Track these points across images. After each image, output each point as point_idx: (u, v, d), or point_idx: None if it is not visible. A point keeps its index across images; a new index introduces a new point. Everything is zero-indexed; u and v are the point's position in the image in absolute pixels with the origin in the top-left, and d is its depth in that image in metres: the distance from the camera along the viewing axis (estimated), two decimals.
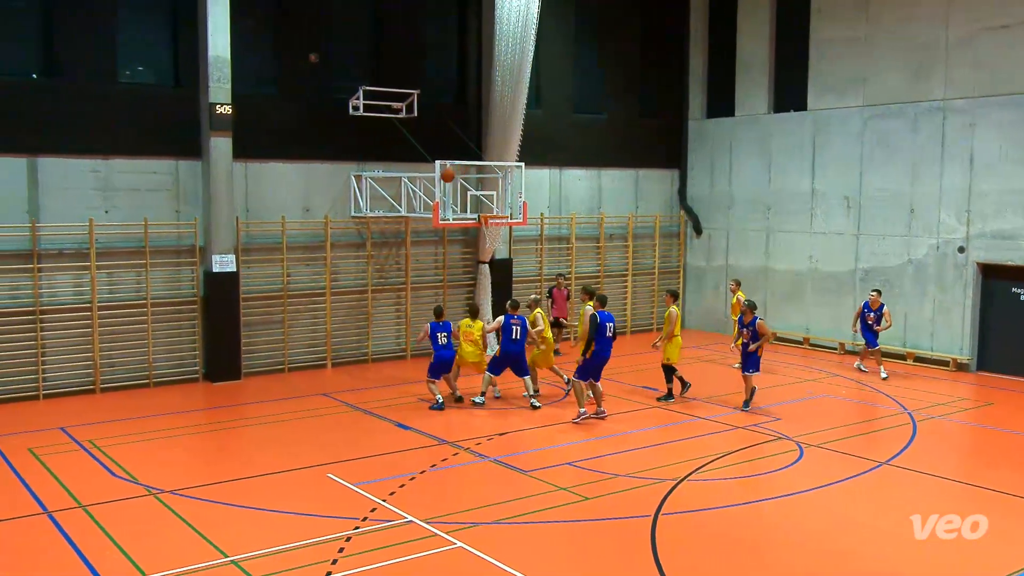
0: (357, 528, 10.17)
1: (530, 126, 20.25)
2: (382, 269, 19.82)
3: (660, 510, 10.83)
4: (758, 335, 15.72)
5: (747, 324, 15.92)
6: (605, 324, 14.76)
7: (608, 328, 14.81)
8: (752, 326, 15.80)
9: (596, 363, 14.80)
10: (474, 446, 13.49)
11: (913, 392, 17.18)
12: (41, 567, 9.32)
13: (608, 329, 14.80)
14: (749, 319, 15.91)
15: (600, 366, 14.89)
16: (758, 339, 15.71)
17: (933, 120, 19.44)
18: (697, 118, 24.46)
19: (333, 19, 19.12)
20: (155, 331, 17.16)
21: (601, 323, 14.70)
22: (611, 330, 14.89)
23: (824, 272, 21.63)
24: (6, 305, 15.84)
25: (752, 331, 15.77)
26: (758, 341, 15.70)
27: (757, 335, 15.72)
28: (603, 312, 14.89)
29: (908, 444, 13.82)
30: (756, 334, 15.72)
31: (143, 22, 17.55)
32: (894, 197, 20.17)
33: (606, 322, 14.80)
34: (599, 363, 14.84)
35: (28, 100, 16.05)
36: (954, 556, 9.80)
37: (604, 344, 14.76)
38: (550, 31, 21.39)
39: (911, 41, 19.69)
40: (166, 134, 17.21)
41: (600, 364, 14.87)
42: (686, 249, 24.87)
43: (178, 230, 17.38)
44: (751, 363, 15.77)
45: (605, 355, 14.86)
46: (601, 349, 14.72)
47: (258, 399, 16.44)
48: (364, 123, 18.91)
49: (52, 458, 12.71)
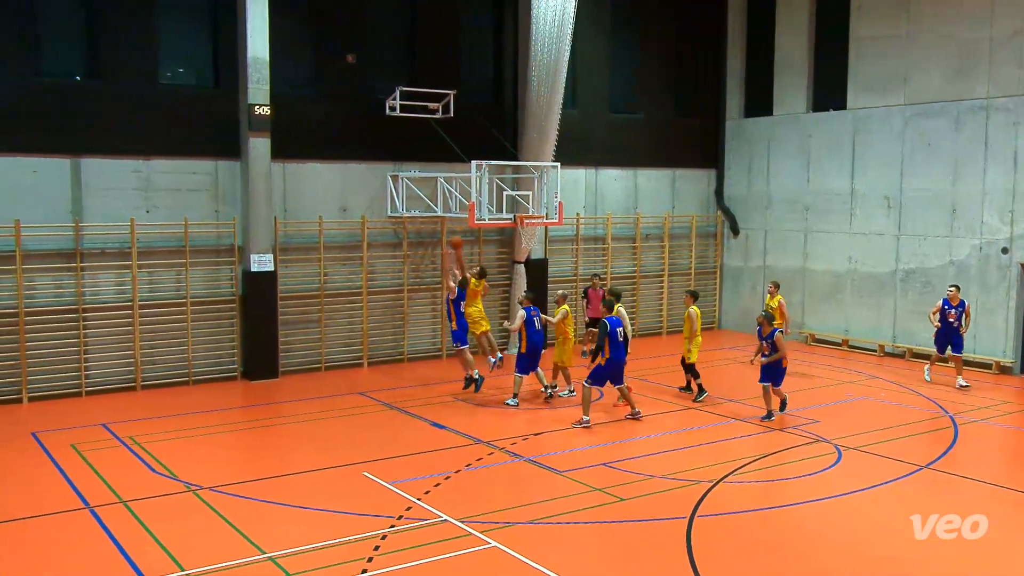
0: (392, 526, 10.22)
1: (566, 126, 20.23)
2: (418, 269, 19.90)
3: (696, 512, 10.76)
4: (775, 349, 14.98)
5: (765, 337, 15.07)
6: (615, 330, 14.55)
7: (618, 333, 14.59)
8: (771, 339, 14.99)
9: (610, 369, 14.64)
10: (509, 446, 13.50)
11: (955, 395, 16.91)
12: (83, 561, 9.47)
13: (618, 335, 14.58)
14: (768, 331, 15.05)
15: (617, 371, 14.72)
16: (775, 353, 15.00)
17: (976, 119, 19.12)
18: (735, 117, 24.27)
19: (370, 20, 19.23)
20: (194, 329, 17.37)
21: (611, 329, 14.51)
22: (621, 335, 14.65)
23: (863, 273, 21.36)
24: (51, 304, 16.12)
25: (771, 344, 15.00)
26: (774, 354, 14.98)
27: (776, 348, 14.99)
28: (611, 318, 14.71)
29: (949, 448, 13.61)
30: (775, 347, 14.99)
31: (183, 25, 17.78)
32: (936, 197, 19.86)
33: (615, 328, 14.58)
34: (614, 369, 14.66)
35: (72, 102, 16.33)
36: (993, 561, 9.63)
37: (616, 349, 14.56)
38: (586, 31, 21.34)
39: (954, 38, 19.39)
40: (206, 135, 17.42)
41: (616, 370, 14.69)
42: (723, 249, 24.69)
43: (217, 230, 17.58)
44: (768, 373, 15.07)
45: (619, 360, 14.66)
46: (614, 354, 14.54)
47: (295, 397, 16.58)
48: (401, 123, 19.00)
49: (94, 454, 12.92)
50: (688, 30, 23.83)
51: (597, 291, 19.65)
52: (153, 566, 9.20)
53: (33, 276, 15.93)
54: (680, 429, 14.61)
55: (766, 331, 15.12)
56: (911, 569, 9.43)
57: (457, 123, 19.27)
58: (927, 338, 19.75)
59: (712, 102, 24.37)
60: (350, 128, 18.90)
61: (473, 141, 19.35)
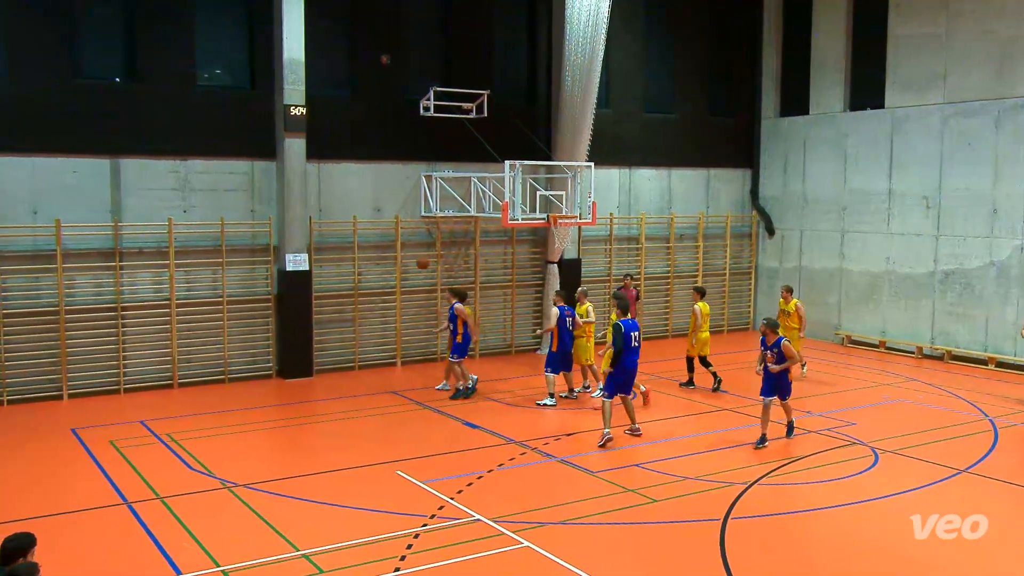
0: (425, 525, 10.25)
1: (600, 126, 20.17)
2: (451, 269, 19.95)
3: (730, 514, 10.68)
4: (784, 358, 13.48)
5: (770, 346, 13.50)
6: (629, 334, 13.44)
7: (632, 338, 13.48)
8: (777, 348, 13.45)
9: (622, 377, 13.61)
10: (541, 446, 13.49)
11: (995, 398, 16.64)
12: (121, 556, 9.60)
13: (632, 339, 13.47)
14: (772, 340, 13.53)
15: (628, 380, 13.73)
16: (783, 362, 13.50)
17: (1018, 117, 18.81)
18: (770, 116, 24.07)
19: (405, 21, 19.31)
20: (230, 328, 17.55)
21: (625, 332, 13.39)
22: (636, 339, 13.54)
23: (901, 274, 21.09)
24: (90, 302, 16.37)
25: (777, 353, 13.44)
26: (783, 363, 13.49)
27: (783, 357, 13.48)
28: (626, 320, 13.62)
29: (989, 452, 13.39)
30: (782, 356, 13.45)
31: (220, 26, 17.96)
32: (975, 197, 19.56)
33: (630, 332, 13.48)
34: (626, 376, 13.67)
35: (111, 103, 16.57)
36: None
37: (629, 355, 13.53)
38: (620, 30, 21.26)
39: (994, 35, 19.08)
40: (242, 135, 17.59)
41: (628, 378, 13.71)
42: (758, 250, 24.50)
43: (253, 229, 17.75)
44: (771, 386, 13.56)
45: (631, 367, 13.66)
46: (627, 361, 13.54)
47: (329, 396, 16.69)
48: (434, 124, 19.06)
49: (132, 451, 13.09)
50: (723, 28, 23.67)
51: (630, 291, 19.54)
52: (189, 562, 9.31)
53: (73, 275, 16.17)
54: (714, 431, 14.51)
55: (770, 340, 13.53)
56: (947, 574, 9.29)
57: (491, 123, 19.29)
58: (967, 340, 19.57)
59: (747, 101, 24.20)
60: (384, 128, 18.99)
61: (507, 141, 19.36)
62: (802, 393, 16.75)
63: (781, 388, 13.62)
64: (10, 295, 15.74)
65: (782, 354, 13.46)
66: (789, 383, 13.74)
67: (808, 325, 18.54)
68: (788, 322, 17.57)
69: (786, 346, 13.54)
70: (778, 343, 13.49)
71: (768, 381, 13.61)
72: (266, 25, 17.40)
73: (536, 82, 21.00)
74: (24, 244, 15.82)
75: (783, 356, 13.46)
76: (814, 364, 19.90)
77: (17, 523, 9.06)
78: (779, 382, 13.57)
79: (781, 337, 13.70)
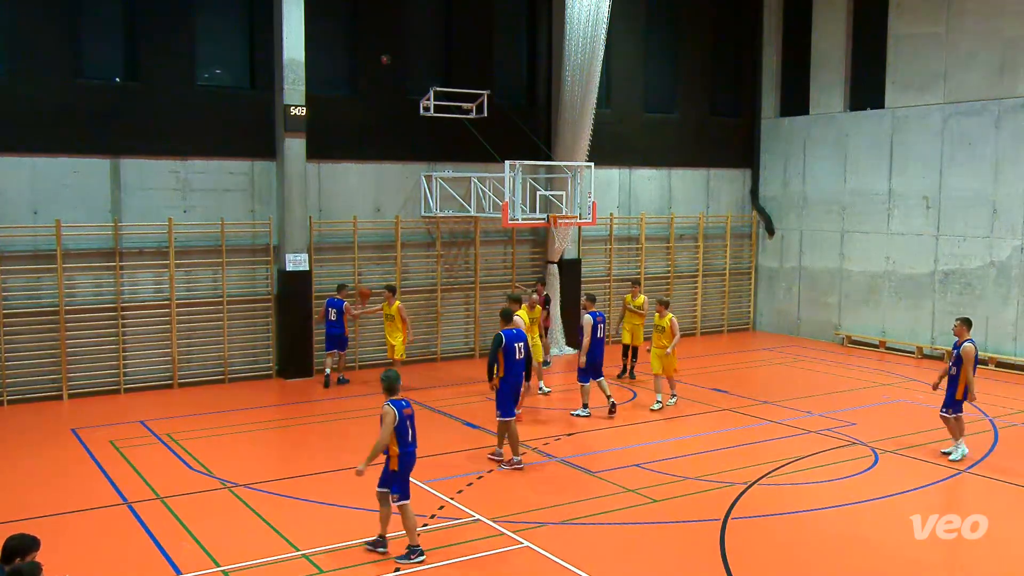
0: (425, 525, 10.24)
1: (600, 126, 20.17)
2: (451, 269, 19.95)
3: (730, 514, 10.69)
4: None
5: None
6: (513, 345, 12.47)
7: (517, 349, 12.51)
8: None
9: (511, 389, 12.55)
10: (542, 446, 13.49)
11: (995, 398, 16.63)
12: (120, 556, 9.60)
13: (517, 350, 12.51)
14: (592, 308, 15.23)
15: (518, 394, 12.87)
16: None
17: (1018, 117, 18.80)
18: (770, 116, 24.07)
19: (405, 21, 19.31)
20: (230, 328, 17.55)
21: (507, 344, 12.41)
22: (520, 351, 12.56)
23: (902, 274, 21.09)
24: (90, 302, 16.37)
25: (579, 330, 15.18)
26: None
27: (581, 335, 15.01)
28: (508, 331, 12.59)
29: (989, 452, 13.38)
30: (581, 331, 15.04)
31: (220, 27, 17.96)
32: (976, 197, 19.56)
33: (513, 342, 12.49)
34: (514, 390, 12.66)
35: (111, 103, 16.57)
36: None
37: (515, 367, 12.53)
38: (621, 30, 21.26)
39: (995, 36, 19.08)
40: (242, 135, 17.59)
41: (516, 392, 12.75)
42: (758, 250, 24.50)
43: (253, 229, 17.75)
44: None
45: (518, 380, 12.69)
46: (512, 374, 12.49)
47: (329, 396, 16.69)
48: (435, 124, 19.07)
49: (132, 451, 13.09)
50: (723, 29, 23.68)
51: (541, 296, 18.90)
52: (189, 562, 9.31)
53: (73, 275, 16.18)
54: (714, 431, 14.51)
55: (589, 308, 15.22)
56: (947, 574, 9.29)
57: (491, 123, 19.29)
58: None
59: (748, 101, 24.20)
60: (384, 128, 18.99)
61: (507, 141, 19.36)
62: (802, 393, 16.78)
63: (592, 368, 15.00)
64: (10, 295, 15.74)
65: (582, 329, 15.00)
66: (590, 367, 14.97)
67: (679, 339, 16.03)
68: (661, 339, 15.61)
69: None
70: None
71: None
72: (266, 25, 17.40)
73: (536, 82, 21.01)
74: (24, 244, 15.82)
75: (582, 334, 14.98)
76: (814, 364, 19.94)
77: (17, 523, 9.07)
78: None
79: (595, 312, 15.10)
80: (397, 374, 9.76)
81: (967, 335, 12.91)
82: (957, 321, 13.18)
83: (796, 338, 23.01)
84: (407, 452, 9.50)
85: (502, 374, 12.37)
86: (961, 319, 13.14)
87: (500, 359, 12.35)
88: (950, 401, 12.90)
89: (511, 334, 12.50)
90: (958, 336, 13.01)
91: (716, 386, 17.31)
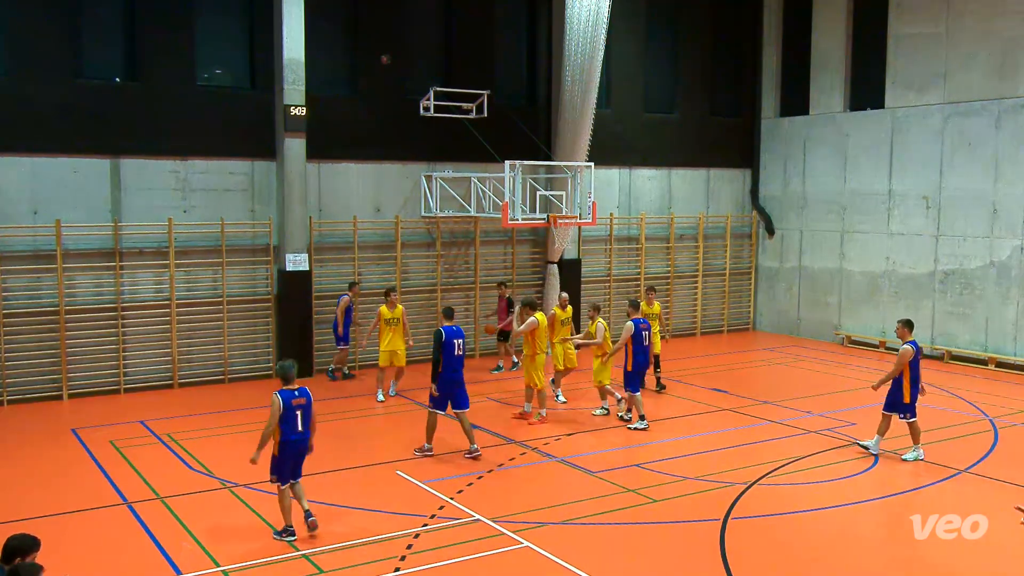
0: (425, 525, 10.25)
1: (600, 126, 20.17)
2: (451, 269, 19.95)
3: (730, 514, 10.69)
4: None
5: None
6: (452, 341, 12.74)
7: (456, 345, 12.79)
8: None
9: (447, 388, 12.81)
10: (542, 446, 13.49)
11: (995, 398, 16.64)
12: (121, 556, 9.60)
13: (456, 346, 12.79)
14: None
15: (455, 392, 12.90)
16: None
17: (1018, 117, 18.80)
18: (770, 117, 24.07)
19: (405, 21, 19.31)
20: (230, 328, 17.55)
21: (446, 340, 12.68)
22: (459, 347, 12.84)
23: (902, 274, 21.09)
24: (90, 302, 16.37)
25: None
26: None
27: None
28: (448, 327, 12.89)
29: (989, 452, 13.39)
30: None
31: (220, 27, 17.96)
32: (976, 197, 19.56)
33: (452, 339, 12.76)
34: (452, 388, 12.85)
35: (111, 103, 16.58)
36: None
37: (451, 363, 12.77)
38: (621, 30, 21.27)
39: (995, 36, 19.08)
40: (242, 135, 17.59)
41: (455, 389, 12.88)
42: (758, 250, 24.50)
43: (253, 229, 17.75)
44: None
45: (454, 376, 12.79)
46: (448, 371, 12.74)
47: (329, 396, 16.68)
48: (435, 124, 19.07)
49: (132, 450, 13.09)
50: (723, 29, 23.67)
51: (503, 299, 18.85)
52: (189, 562, 9.31)
53: (73, 275, 16.18)
54: (714, 431, 14.51)
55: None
56: (947, 574, 9.29)
57: (491, 123, 19.29)
58: (967, 340, 19.61)
59: (748, 101, 24.20)
60: (384, 128, 19.00)
61: (507, 141, 19.37)
62: (802, 393, 16.77)
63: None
64: (10, 295, 15.75)
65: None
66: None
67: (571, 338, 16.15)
68: (562, 332, 15.67)
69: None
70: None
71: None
72: (266, 25, 17.41)
73: (536, 82, 21.00)
74: (24, 244, 15.82)
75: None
76: (814, 364, 19.95)
77: (18, 523, 9.08)
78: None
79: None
80: (292, 364, 10.34)
81: (909, 336, 12.89)
82: (899, 323, 13.20)
83: (796, 338, 23.02)
84: (289, 441, 9.98)
85: (440, 370, 12.69)
86: (902, 321, 13.17)
87: (440, 356, 12.68)
88: (899, 405, 12.80)
89: (451, 330, 12.84)
90: (900, 338, 13.00)
91: (716, 386, 17.32)
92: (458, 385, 12.83)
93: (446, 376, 12.70)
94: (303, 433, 10.09)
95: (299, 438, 10.06)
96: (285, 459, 9.97)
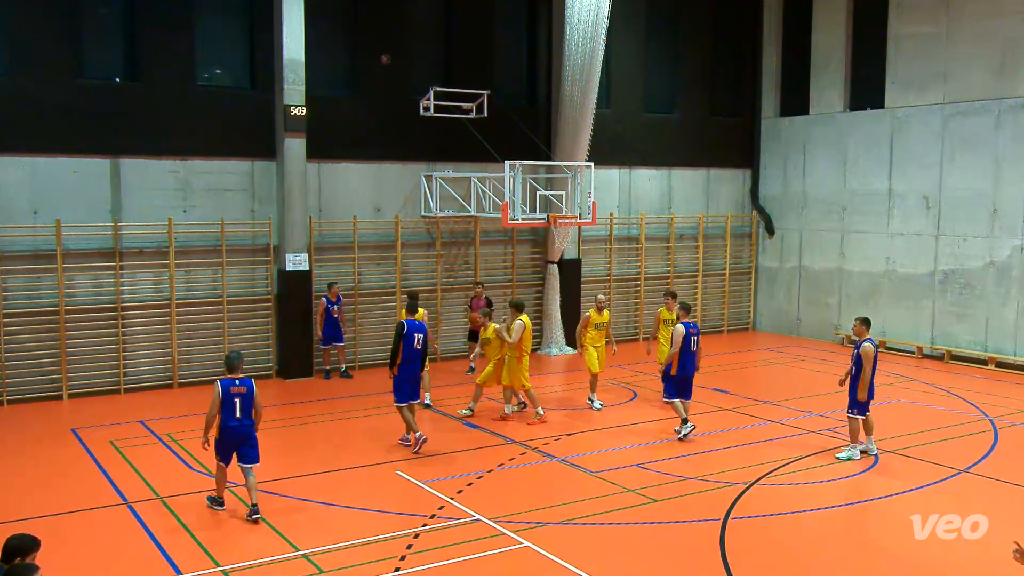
0: (425, 525, 10.25)
1: (600, 126, 20.17)
2: (451, 269, 19.95)
3: (730, 514, 10.69)
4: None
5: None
6: (412, 335, 12.92)
7: (416, 339, 12.99)
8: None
9: (407, 385, 13.06)
10: (541, 446, 13.49)
11: (995, 398, 16.64)
12: (120, 556, 9.60)
13: (416, 340, 12.99)
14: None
15: (415, 387, 13.21)
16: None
17: (1018, 117, 18.80)
18: (770, 116, 24.07)
19: (405, 21, 19.31)
20: (230, 328, 17.55)
21: (407, 333, 12.88)
22: (419, 341, 13.03)
23: (902, 274, 21.09)
24: (90, 302, 16.37)
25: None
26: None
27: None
28: (411, 320, 13.09)
29: (989, 452, 13.39)
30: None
31: (220, 27, 17.96)
32: (976, 197, 19.56)
33: (413, 332, 12.95)
34: (411, 382, 13.11)
35: (111, 103, 16.57)
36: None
37: (410, 356, 12.99)
38: (621, 30, 21.27)
39: (996, 36, 19.07)
40: (242, 135, 17.59)
41: (413, 383, 13.14)
42: (758, 250, 24.50)
43: (253, 229, 17.75)
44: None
45: (411, 371, 13.05)
46: (404, 365, 12.97)
47: (329, 396, 16.68)
48: (435, 123, 19.07)
49: (132, 450, 13.09)
50: (723, 29, 23.67)
51: (480, 299, 18.67)
52: (189, 562, 9.31)
53: (73, 274, 16.18)
54: (714, 431, 14.50)
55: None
56: (947, 574, 9.29)
57: (491, 123, 19.29)
58: (967, 340, 19.61)
59: (748, 101, 24.20)
60: (384, 128, 19.00)
61: (507, 141, 19.37)
62: (802, 393, 16.76)
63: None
64: (10, 295, 15.75)
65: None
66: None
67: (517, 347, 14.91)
68: (595, 335, 15.63)
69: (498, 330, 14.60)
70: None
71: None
72: (266, 25, 17.40)
73: (536, 82, 21.01)
74: (24, 244, 15.82)
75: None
76: (814, 364, 19.96)
77: (18, 523, 9.08)
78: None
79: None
80: (238, 354, 11.13)
81: (867, 334, 12.90)
82: (856, 320, 13.18)
83: (796, 338, 23.02)
84: (228, 427, 10.59)
85: (400, 361, 12.97)
86: (860, 319, 13.17)
87: (400, 347, 12.92)
88: (853, 402, 12.81)
89: (413, 324, 13.11)
90: (858, 336, 12.98)
91: (716, 386, 17.31)
92: (414, 376, 13.17)
93: (403, 367, 13.03)
94: (242, 420, 10.65)
95: (237, 424, 10.63)
96: (224, 443, 10.65)
